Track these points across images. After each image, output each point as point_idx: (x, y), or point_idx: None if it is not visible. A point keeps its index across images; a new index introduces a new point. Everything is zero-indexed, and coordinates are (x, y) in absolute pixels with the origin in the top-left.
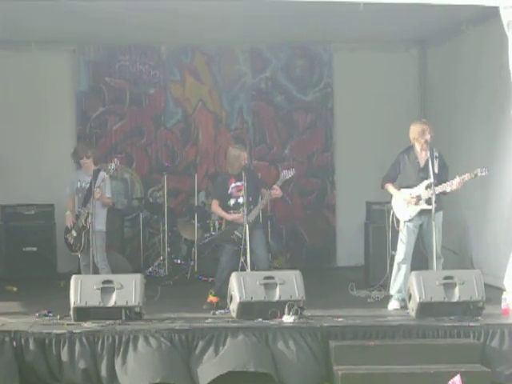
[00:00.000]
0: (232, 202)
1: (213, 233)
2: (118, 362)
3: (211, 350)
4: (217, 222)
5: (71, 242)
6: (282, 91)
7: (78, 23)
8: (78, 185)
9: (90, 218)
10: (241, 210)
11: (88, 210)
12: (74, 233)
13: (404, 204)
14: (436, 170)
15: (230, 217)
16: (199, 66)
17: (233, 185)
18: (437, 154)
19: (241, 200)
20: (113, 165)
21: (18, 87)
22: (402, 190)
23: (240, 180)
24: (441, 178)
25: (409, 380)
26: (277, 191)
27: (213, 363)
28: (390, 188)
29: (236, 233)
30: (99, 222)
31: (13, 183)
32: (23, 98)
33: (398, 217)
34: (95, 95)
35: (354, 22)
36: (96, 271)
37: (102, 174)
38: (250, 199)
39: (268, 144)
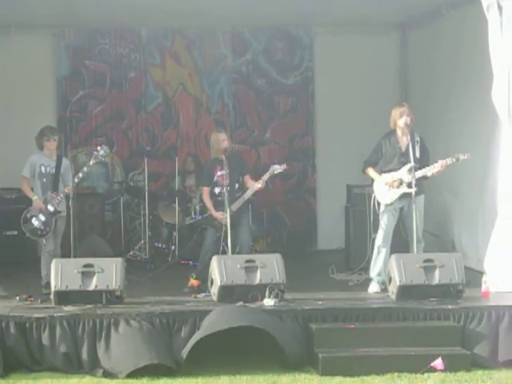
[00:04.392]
0: (217, 190)
1: (194, 216)
2: (100, 346)
3: (192, 333)
4: (197, 206)
5: (38, 227)
6: (262, 74)
7: (58, 6)
8: (42, 169)
9: (61, 203)
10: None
11: (58, 195)
12: (41, 217)
13: (385, 188)
14: (417, 155)
15: (215, 214)
16: (179, 49)
17: (219, 173)
18: (418, 139)
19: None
20: (102, 151)
21: None
22: (383, 174)
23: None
24: (422, 163)
25: (389, 362)
26: (261, 186)
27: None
28: (372, 172)
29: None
30: (63, 207)
31: None
32: (3, 83)
33: (378, 200)
34: (75, 79)
35: (335, 5)
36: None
37: (65, 161)
38: (237, 186)
39: (249, 127)
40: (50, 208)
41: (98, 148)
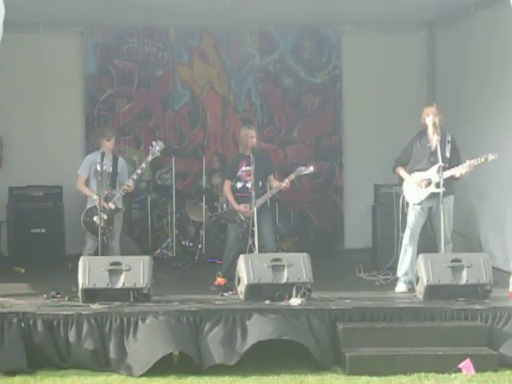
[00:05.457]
0: (239, 185)
1: (215, 213)
2: (128, 341)
3: (219, 331)
4: (225, 205)
5: (101, 225)
6: (290, 73)
7: (86, 5)
8: (98, 168)
9: (120, 201)
10: (248, 194)
11: (119, 193)
12: (104, 216)
13: (414, 187)
14: (447, 155)
15: (236, 206)
16: (207, 48)
17: (243, 168)
18: (449, 139)
19: (249, 184)
20: (158, 147)
21: (26, 70)
22: (413, 173)
23: (250, 164)
24: (452, 163)
25: (416, 362)
26: (287, 185)
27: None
28: (402, 171)
29: (240, 215)
30: (121, 204)
31: (21, 165)
32: (31, 81)
33: (407, 200)
34: (103, 77)
35: (363, 4)
36: (106, 254)
37: (122, 161)
38: (260, 184)
39: (276, 126)
40: (112, 205)
41: (153, 143)
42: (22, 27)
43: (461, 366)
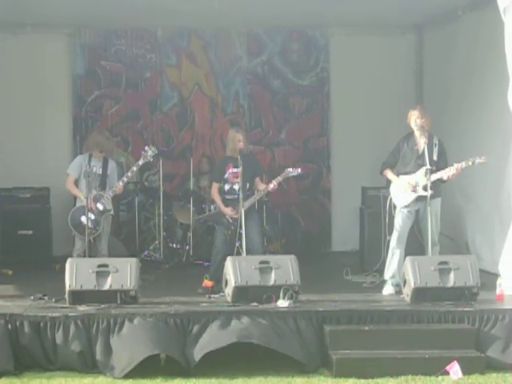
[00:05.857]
0: (227, 187)
1: (201, 216)
2: (113, 339)
3: (206, 333)
4: (212, 207)
5: (89, 225)
6: (278, 75)
7: (74, 6)
8: (88, 169)
9: (108, 202)
10: (235, 196)
11: (107, 194)
12: (92, 216)
13: (402, 190)
14: (435, 157)
15: (223, 209)
16: (195, 49)
17: (230, 170)
18: (436, 142)
19: (236, 186)
20: (150, 152)
21: (13, 70)
22: (401, 176)
23: (238, 166)
24: (439, 165)
25: (403, 365)
26: (274, 187)
27: (211, 338)
28: (389, 174)
29: (227, 217)
30: (110, 206)
31: (8, 166)
32: (19, 81)
33: (394, 202)
34: (91, 79)
35: (351, 6)
36: (94, 256)
37: (112, 163)
38: (248, 186)
39: (264, 128)
40: (100, 206)
41: (146, 148)
42: (10, 28)
43: (448, 368)
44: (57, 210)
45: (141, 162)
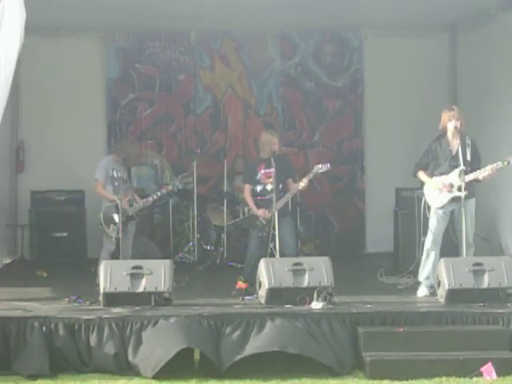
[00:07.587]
0: (259, 188)
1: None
2: (147, 335)
3: (240, 335)
4: (246, 209)
5: (119, 227)
6: (311, 77)
7: (108, 10)
8: (114, 173)
9: (135, 208)
10: (268, 197)
11: (135, 199)
12: (122, 217)
13: (436, 191)
14: (468, 158)
15: (255, 211)
16: (228, 51)
17: (262, 171)
18: (469, 142)
19: (269, 187)
20: (177, 183)
21: (47, 74)
22: (435, 177)
23: (269, 167)
24: (473, 166)
25: (437, 366)
26: (305, 185)
27: (248, 345)
28: (422, 175)
29: (260, 219)
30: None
31: (43, 169)
32: (53, 85)
33: (429, 204)
34: (125, 82)
35: (384, 7)
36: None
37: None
38: (280, 187)
39: (297, 130)
40: (130, 212)
41: (176, 181)
42: (44, 31)
43: (482, 370)
44: (91, 212)
45: (164, 191)
